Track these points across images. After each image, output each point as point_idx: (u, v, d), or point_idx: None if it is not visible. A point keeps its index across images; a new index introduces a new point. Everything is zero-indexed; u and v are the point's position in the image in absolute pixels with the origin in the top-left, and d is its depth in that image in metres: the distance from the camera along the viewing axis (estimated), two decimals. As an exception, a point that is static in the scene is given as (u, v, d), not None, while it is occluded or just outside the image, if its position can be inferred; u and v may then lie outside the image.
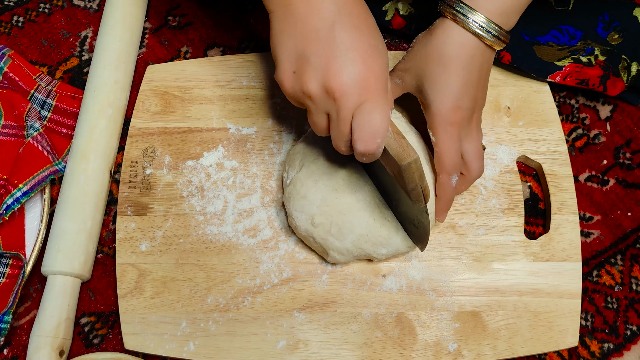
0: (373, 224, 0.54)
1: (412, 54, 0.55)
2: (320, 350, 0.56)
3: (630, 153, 0.66)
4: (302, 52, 0.45)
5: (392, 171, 0.48)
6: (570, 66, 0.63)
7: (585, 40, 0.65)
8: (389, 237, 0.55)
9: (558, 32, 0.65)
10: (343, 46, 0.44)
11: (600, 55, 0.64)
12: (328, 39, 0.44)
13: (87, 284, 0.60)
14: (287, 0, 0.45)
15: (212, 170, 0.62)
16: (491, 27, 0.51)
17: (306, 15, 0.44)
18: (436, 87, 0.52)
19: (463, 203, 0.62)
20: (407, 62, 0.55)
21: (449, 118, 0.52)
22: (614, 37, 0.65)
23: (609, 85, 0.64)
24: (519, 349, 0.57)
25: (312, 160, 0.57)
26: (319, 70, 0.44)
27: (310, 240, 0.57)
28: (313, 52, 0.44)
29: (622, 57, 0.64)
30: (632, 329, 0.60)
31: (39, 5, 0.72)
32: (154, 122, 0.64)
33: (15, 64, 0.66)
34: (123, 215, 0.61)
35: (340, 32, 0.44)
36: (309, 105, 0.47)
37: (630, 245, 0.63)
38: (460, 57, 0.51)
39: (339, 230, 0.54)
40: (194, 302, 0.58)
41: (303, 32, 0.44)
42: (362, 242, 0.55)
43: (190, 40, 0.70)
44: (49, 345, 0.54)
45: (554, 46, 0.65)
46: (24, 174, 0.59)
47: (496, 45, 0.52)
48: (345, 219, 0.54)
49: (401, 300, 0.58)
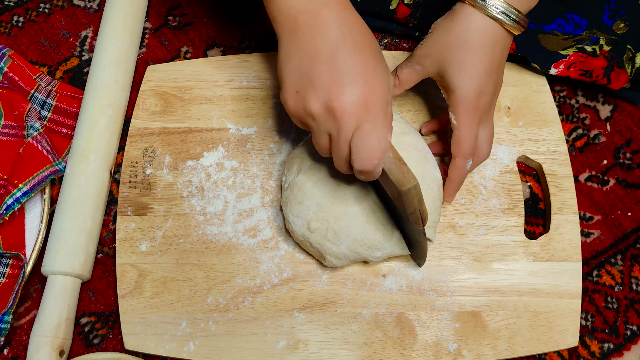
0: (368, 228, 0.55)
1: (432, 40, 0.55)
2: (320, 351, 0.56)
3: (631, 153, 0.66)
4: (306, 74, 0.46)
5: (392, 194, 0.50)
6: (574, 55, 0.63)
7: (591, 29, 0.64)
8: (383, 241, 0.55)
9: (564, 20, 0.65)
10: (346, 68, 0.45)
11: (605, 45, 0.63)
12: (331, 61, 0.45)
13: (87, 284, 0.60)
14: (294, 25, 0.47)
15: (212, 170, 0.62)
16: (510, 11, 0.52)
17: (311, 39, 0.46)
18: (461, 73, 0.53)
19: (463, 203, 0.62)
20: (428, 48, 0.56)
21: (472, 103, 0.54)
22: (620, 26, 0.65)
23: (613, 77, 0.63)
24: (519, 349, 0.57)
25: (309, 166, 0.57)
26: (322, 90, 0.45)
27: (307, 244, 0.57)
28: (316, 74, 0.46)
29: (627, 47, 0.64)
30: (632, 329, 0.60)
31: (39, 5, 0.72)
32: (154, 122, 0.64)
33: (15, 64, 0.66)
34: (123, 215, 0.61)
35: (344, 55, 0.45)
36: (312, 125, 0.48)
37: (630, 245, 0.63)
38: (483, 44, 0.53)
39: (335, 235, 0.55)
40: (194, 302, 0.58)
41: (308, 55, 0.46)
42: (358, 246, 0.55)
43: (190, 40, 0.70)
44: (49, 345, 0.54)
45: (559, 35, 0.64)
46: (24, 174, 0.59)
47: (515, 29, 0.53)
48: (341, 224, 0.55)
49: (401, 300, 0.58)
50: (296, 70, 0.47)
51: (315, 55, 0.46)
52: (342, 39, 0.46)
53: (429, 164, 0.57)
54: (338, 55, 0.45)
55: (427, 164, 0.57)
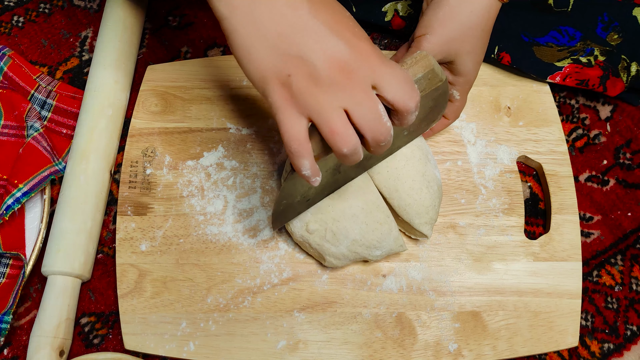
0: (366, 228, 0.55)
1: (437, 24, 0.52)
2: (320, 350, 0.56)
3: (630, 153, 0.66)
4: (287, 51, 0.39)
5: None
6: (569, 67, 0.63)
7: (585, 40, 0.65)
8: (382, 240, 0.55)
9: (557, 33, 0.65)
10: (327, 23, 0.39)
11: (600, 56, 0.64)
12: (309, 21, 0.39)
13: (87, 284, 0.60)
14: (242, 2, 0.39)
15: (212, 170, 0.62)
16: None
17: (271, 6, 0.39)
18: (472, 60, 0.54)
19: (463, 203, 0.62)
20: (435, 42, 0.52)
21: (474, 79, 0.56)
22: (614, 37, 0.65)
23: (609, 85, 0.64)
24: (519, 349, 0.57)
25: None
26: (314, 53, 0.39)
27: (306, 245, 0.57)
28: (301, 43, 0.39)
29: (622, 57, 0.64)
30: (632, 329, 0.60)
31: (39, 5, 0.72)
32: (154, 122, 0.64)
33: (15, 64, 0.66)
34: (123, 215, 0.61)
35: (319, 13, 0.39)
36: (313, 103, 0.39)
37: (630, 245, 0.63)
38: (487, 25, 0.53)
39: (334, 236, 0.55)
40: (194, 302, 0.58)
41: (276, 25, 0.39)
42: (357, 246, 0.55)
43: (191, 41, 0.70)
44: (49, 345, 0.54)
45: (554, 47, 0.65)
46: (24, 174, 0.59)
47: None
48: (339, 225, 0.55)
49: (401, 300, 0.58)
50: (270, 54, 0.39)
51: (285, 26, 0.39)
52: (311, 3, 0.39)
53: (430, 163, 0.58)
54: (312, 15, 0.39)
55: (429, 163, 0.58)
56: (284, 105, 0.40)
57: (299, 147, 0.40)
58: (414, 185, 0.56)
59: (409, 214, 0.56)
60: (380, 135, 0.41)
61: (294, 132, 0.40)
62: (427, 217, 0.57)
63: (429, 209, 0.57)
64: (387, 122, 0.41)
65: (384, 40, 0.71)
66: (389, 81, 0.40)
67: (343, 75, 0.39)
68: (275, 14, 0.39)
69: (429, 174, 0.57)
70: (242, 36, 0.40)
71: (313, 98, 0.39)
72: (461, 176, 0.62)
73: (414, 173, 0.56)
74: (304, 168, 0.41)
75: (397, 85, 0.40)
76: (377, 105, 0.40)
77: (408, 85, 0.40)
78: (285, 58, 0.39)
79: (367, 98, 0.39)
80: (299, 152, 0.40)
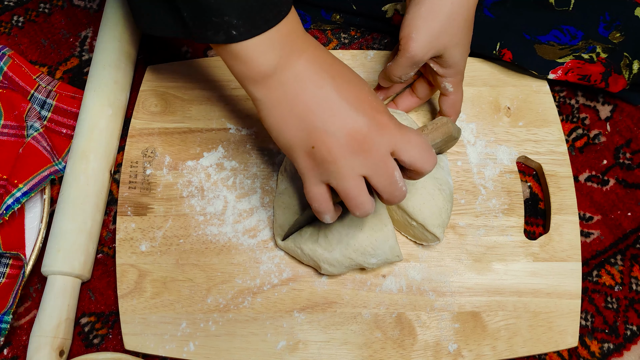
0: (360, 234, 0.55)
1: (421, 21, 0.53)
2: (320, 351, 0.56)
3: (630, 153, 0.66)
4: (312, 124, 0.44)
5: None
6: (571, 62, 0.63)
7: (587, 39, 0.65)
8: (376, 247, 0.55)
9: (559, 32, 0.65)
10: (346, 100, 0.44)
11: (602, 53, 0.63)
12: (329, 100, 0.43)
13: (87, 284, 0.60)
14: (273, 83, 0.44)
15: (212, 170, 0.62)
16: None
17: (300, 90, 0.44)
18: (460, 50, 0.55)
19: (463, 203, 0.62)
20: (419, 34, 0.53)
21: (464, 68, 0.57)
22: (616, 36, 0.65)
23: (611, 81, 0.63)
24: (518, 349, 0.57)
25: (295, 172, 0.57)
26: (337, 130, 0.43)
27: (299, 253, 0.57)
28: (325, 118, 0.43)
29: (624, 54, 0.64)
30: (632, 329, 0.60)
31: (39, 5, 0.72)
32: (154, 122, 0.64)
33: (15, 64, 0.66)
34: (123, 215, 0.61)
35: (341, 90, 0.44)
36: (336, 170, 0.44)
37: (630, 245, 0.63)
38: (469, 12, 0.53)
39: (326, 239, 0.55)
40: (194, 303, 0.58)
41: (304, 106, 0.44)
42: (351, 251, 0.55)
43: (190, 41, 0.70)
44: (49, 345, 0.54)
45: (555, 45, 0.64)
46: (24, 174, 0.60)
47: None
48: (332, 228, 0.55)
49: (401, 301, 0.58)
50: (297, 128, 0.44)
51: (312, 103, 0.43)
52: (331, 79, 0.44)
53: (444, 170, 0.59)
54: (335, 93, 0.44)
55: (442, 170, 0.58)
56: (308, 172, 0.45)
57: (320, 206, 0.47)
58: (426, 185, 0.57)
59: (423, 214, 0.56)
60: (395, 198, 0.46)
61: (316, 194, 0.46)
62: (440, 219, 0.57)
63: (442, 211, 0.57)
64: (402, 187, 0.46)
65: (384, 40, 0.71)
66: (406, 148, 0.44)
67: (362, 146, 0.43)
68: (304, 93, 0.44)
69: (442, 179, 0.57)
70: (274, 115, 0.45)
71: (334, 166, 0.44)
72: (461, 176, 0.62)
73: (428, 177, 0.57)
74: (325, 220, 0.48)
75: (413, 151, 0.45)
76: (394, 172, 0.45)
77: (425, 151, 0.45)
78: (311, 131, 0.44)
79: (385, 166, 0.44)
80: (321, 210, 0.47)
